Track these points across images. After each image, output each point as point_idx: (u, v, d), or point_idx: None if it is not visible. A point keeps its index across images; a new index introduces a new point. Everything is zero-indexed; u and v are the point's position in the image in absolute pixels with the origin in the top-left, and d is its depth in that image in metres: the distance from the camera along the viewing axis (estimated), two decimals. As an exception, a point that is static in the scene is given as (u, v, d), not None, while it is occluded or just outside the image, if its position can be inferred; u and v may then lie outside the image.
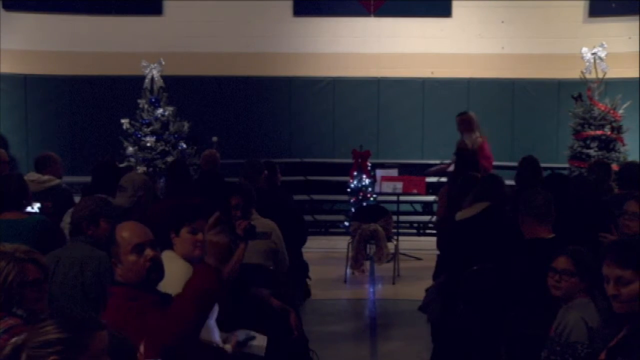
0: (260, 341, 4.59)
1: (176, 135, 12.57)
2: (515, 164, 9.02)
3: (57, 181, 7.64)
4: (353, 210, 11.00)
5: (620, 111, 12.46)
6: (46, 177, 7.49)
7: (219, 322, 4.75)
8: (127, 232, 3.60)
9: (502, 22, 14.51)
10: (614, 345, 3.24)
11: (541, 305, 4.29)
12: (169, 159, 12.08)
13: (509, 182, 8.55)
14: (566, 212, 5.24)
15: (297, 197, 8.98)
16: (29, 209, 6.50)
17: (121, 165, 9.24)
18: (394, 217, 10.34)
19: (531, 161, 8.09)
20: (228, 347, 4.52)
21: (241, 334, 4.51)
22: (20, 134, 13.67)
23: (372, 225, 9.58)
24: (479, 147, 10.16)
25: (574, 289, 4.10)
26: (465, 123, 10.23)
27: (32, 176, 7.38)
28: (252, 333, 4.63)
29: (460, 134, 10.26)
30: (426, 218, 13.16)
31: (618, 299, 3.23)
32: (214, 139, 12.35)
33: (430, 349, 6.31)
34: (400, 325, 7.98)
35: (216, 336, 4.57)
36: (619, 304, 3.24)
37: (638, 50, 12.77)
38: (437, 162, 13.91)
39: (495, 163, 12.67)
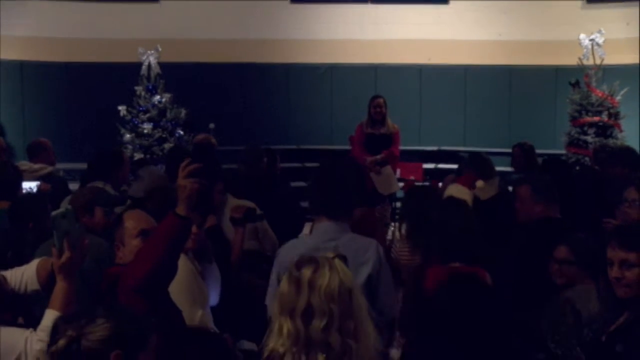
0: (250, 346, 4.69)
1: (173, 122, 12.55)
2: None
3: (50, 169, 7.62)
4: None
5: (618, 97, 12.46)
6: (37, 166, 7.46)
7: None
8: (135, 219, 3.85)
9: (499, 8, 14.48)
10: (613, 330, 3.26)
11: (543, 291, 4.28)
12: (166, 145, 12.06)
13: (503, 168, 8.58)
14: (567, 196, 5.24)
15: (294, 184, 8.95)
16: (27, 188, 6.51)
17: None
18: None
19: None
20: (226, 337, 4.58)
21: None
22: (17, 121, 13.63)
23: (369, 212, 9.57)
24: (396, 133, 10.04)
25: (576, 277, 4.12)
26: (386, 106, 10.00)
27: (23, 165, 7.34)
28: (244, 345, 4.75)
29: (373, 117, 9.95)
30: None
31: (622, 282, 3.24)
32: (211, 125, 12.34)
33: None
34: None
35: (211, 324, 4.61)
36: (622, 288, 3.25)
37: (637, 36, 12.76)
38: (435, 148, 13.97)
39: (492, 150, 12.71)
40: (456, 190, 5.77)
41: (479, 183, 6.31)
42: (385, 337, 3.87)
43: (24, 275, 3.68)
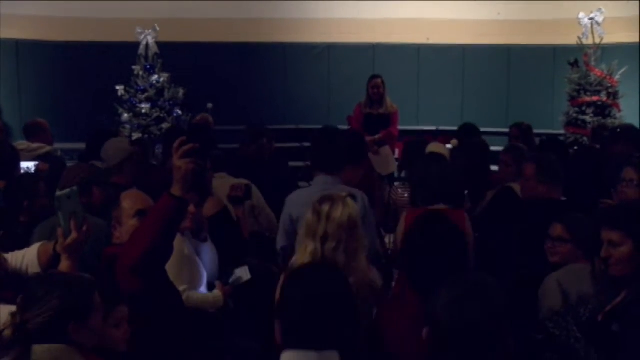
0: (243, 273, 4.87)
1: (171, 102, 12.52)
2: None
3: (48, 148, 7.61)
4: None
5: (617, 77, 12.41)
6: (35, 145, 7.45)
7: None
8: (132, 199, 3.85)
9: (498, -13, 14.43)
10: (609, 310, 3.27)
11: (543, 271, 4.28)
12: (164, 125, 12.04)
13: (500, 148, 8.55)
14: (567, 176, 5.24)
15: (292, 164, 8.96)
16: (25, 168, 6.50)
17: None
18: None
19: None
20: (218, 292, 4.63)
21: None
22: (13, 101, 13.58)
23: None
24: (394, 113, 9.99)
25: (570, 256, 4.12)
26: (384, 85, 9.93)
27: (21, 145, 7.33)
28: (237, 273, 4.82)
29: (371, 97, 9.91)
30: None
31: (610, 261, 3.28)
32: (209, 105, 12.31)
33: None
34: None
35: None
36: (611, 267, 3.30)
37: (636, 14, 12.67)
38: (433, 128, 13.95)
39: (490, 129, 12.70)
40: (435, 147, 6.88)
41: (453, 142, 7.54)
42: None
43: (24, 258, 3.69)
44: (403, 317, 3.23)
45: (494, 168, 6.81)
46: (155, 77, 12.46)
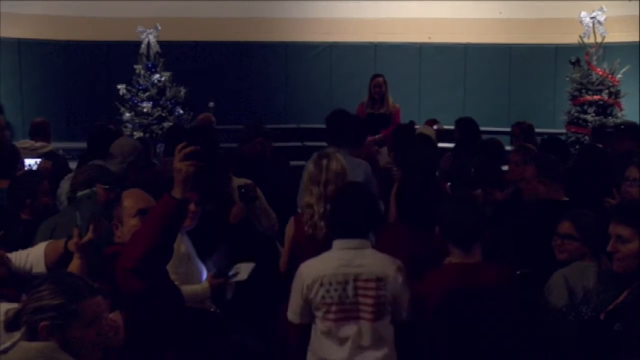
0: (243, 271, 4.86)
1: (173, 101, 12.51)
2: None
3: (50, 147, 7.64)
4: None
5: (619, 76, 12.40)
6: (39, 144, 7.48)
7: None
8: (133, 198, 3.85)
9: (500, -14, 14.43)
10: (612, 309, 3.27)
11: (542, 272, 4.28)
12: (166, 124, 12.04)
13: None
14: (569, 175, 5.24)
15: (293, 163, 8.93)
16: (28, 165, 6.50)
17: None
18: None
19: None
20: (205, 284, 4.64)
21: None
22: (15, 100, 13.58)
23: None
24: (396, 112, 9.96)
25: (578, 253, 4.12)
26: (386, 85, 9.89)
27: (25, 143, 7.37)
28: (236, 268, 4.87)
29: (373, 96, 9.89)
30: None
31: (616, 256, 3.29)
32: (211, 104, 12.31)
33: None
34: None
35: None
36: (617, 262, 3.31)
37: (637, 13, 12.67)
38: (434, 127, 13.92)
39: (491, 129, 12.69)
40: (423, 129, 8.57)
41: (439, 126, 9.10)
42: None
43: (28, 257, 3.69)
44: (394, 242, 4.34)
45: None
46: (157, 76, 12.46)
